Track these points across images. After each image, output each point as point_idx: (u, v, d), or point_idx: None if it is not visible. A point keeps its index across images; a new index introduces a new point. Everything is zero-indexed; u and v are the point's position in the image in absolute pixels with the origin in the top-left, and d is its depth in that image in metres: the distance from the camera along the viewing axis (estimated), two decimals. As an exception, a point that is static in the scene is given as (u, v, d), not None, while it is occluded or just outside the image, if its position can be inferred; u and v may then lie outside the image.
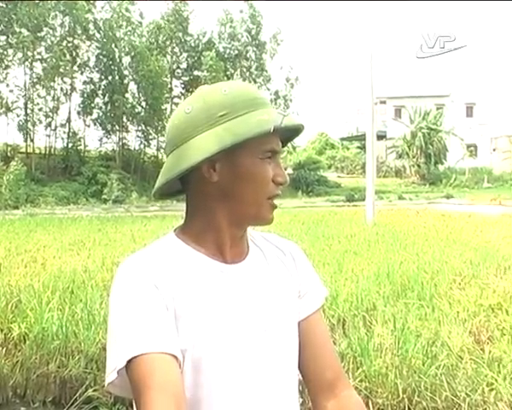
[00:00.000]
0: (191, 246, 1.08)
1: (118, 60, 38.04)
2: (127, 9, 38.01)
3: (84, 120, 39.32)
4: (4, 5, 33.89)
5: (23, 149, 36.34)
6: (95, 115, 39.25)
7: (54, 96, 37.22)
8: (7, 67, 36.09)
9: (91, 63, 38.87)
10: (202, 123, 1.04)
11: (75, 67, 38.19)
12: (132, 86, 39.14)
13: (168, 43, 40.93)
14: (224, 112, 1.04)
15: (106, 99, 38.66)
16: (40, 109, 37.05)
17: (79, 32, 36.94)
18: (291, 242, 1.26)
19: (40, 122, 37.13)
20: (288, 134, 1.15)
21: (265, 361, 1.07)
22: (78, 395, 4.59)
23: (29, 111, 36.49)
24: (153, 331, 0.95)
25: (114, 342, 0.97)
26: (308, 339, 1.17)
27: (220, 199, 1.07)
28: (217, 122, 1.03)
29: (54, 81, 36.55)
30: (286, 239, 1.26)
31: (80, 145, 39.01)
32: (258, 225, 1.12)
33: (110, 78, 38.20)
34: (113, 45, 37.50)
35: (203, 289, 1.04)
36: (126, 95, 38.55)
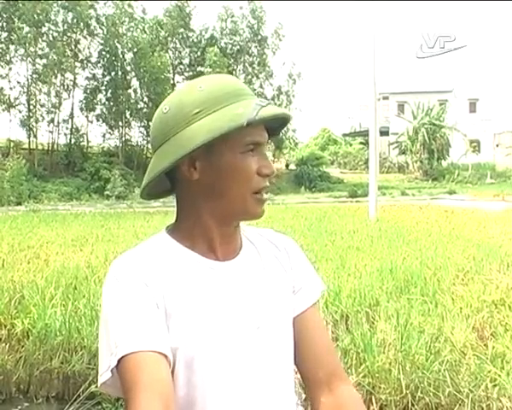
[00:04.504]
0: (182, 244, 1.07)
1: (121, 56, 38.08)
2: (130, 5, 38.05)
3: (87, 116, 39.44)
4: (5, 1, 33.88)
5: (26, 146, 36.40)
6: (97, 111, 39.37)
7: (56, 93, 37.28)
8: (9, 63, 36.14)
9: (94, 59, 38.97)
10: (178, 122, 1.03)
11: (77, 63, 38.24)
12: (135, 82, 39.23)
13: (170, 39, 40.92)
14: (198, 109, 1.02)
15: (109, 95, 38.73)
16: (42, 105, 37.17)
17: (82, 27, 36.95)
18: (286, 236, 1.24)
19: (43, 118, 37.25)
20: (276, 123, 1.12)
21: (259, 359, 1.06)
22: (81, 390, 4.59)
23: (31, 107, 36.55)
24: (142, 330, 0.94)
25: (105, 341, 0.97)
26: (304, 335, 1.16)
27: (204, 197, 1.06)
28: (192, 120, 1.02)
29: (56, 77, 36.59)
30: (281, 234, 1.24)
31: (83, 141, 39.12)
32: (246, 220, 1.10)
33: (113, 74, 38.28)
34: (115, 41, 37.53)
35: (194, 287, 1.03)
36: (129, 91, 38.64)
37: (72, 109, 38.47)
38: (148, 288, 0.99)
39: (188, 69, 42.15)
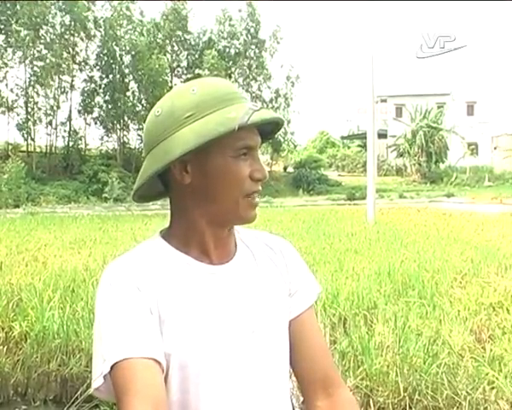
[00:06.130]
0: (176, 248, 1.07)
1: (118, 58, 38.03)
2: (128, 8, 38.02)
3: (85, 119, 39.40)
4: (3, 4, 33.84)
5: (24, 148, 36.37)
6: (95, 114, 39.31)
7: (54, 95, 37.25)
8: (6, 65, 36.09)
9: (92, 62, 38.93)
10: (170, 125, 1.03)
11: (75, 66, 38.22)
12: (133, 85, 39.15)
13: (168, 41, 40.92)
14: (190, 113, 1.02)
15: (106, 98, 38.66)
16: (40, 108, 37.08)
17: (79, 30, 36.93)
18: (281, 239, 1.24)
19: (40, 121, 37.16)
20: (270, 127, 1.12)
21: (253, 363, 1.06)
22: (79, 393, 4.58)
23: (29, 110, 36.50)
24: (135, 336, 0.94)
25: (99, 347, 0.97)
26: (300, 338, 1.16)
27: (196, 200, 1.05)
28: (184, 124, 1.01)
29: (54, 80, 36.56)
30: (276, 236, 1.24)
31: (81, 144, 39.07)
32: (238, 224, 1.10)
33: (111, 76, 38.20)
34: (113, 44, 37.50)
35: (188, 291, 1.03)
36: (127, 93, 38.56)
37: (70, 112, 38.45)
38: (141, 293, 0.99)
39: (186, 72, 42.09)
